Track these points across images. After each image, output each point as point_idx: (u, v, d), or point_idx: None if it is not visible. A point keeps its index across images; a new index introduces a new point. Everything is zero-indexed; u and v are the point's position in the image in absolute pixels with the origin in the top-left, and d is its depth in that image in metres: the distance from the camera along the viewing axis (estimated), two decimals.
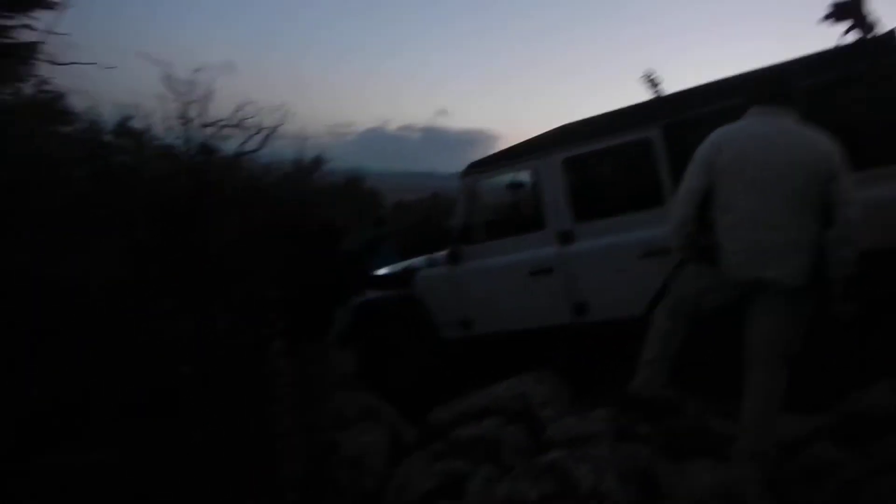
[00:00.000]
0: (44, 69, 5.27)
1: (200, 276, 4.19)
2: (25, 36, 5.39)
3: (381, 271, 5.86)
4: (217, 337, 3.75)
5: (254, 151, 5.95)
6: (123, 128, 5.80)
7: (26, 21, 5.59)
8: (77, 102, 5.67)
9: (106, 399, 3.32)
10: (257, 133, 5.89)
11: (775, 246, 2.84)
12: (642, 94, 8.63)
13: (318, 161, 6.35)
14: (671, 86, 8.05)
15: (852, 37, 3.81)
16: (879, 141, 3.62)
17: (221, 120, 5.75)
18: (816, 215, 2.85)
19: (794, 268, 2.84)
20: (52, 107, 5.69)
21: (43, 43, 5.19)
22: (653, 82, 8.70)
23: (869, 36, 3.77)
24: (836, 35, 3.85)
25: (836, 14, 3.84)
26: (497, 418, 3.47)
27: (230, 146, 5.80)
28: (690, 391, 3.57)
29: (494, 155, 5.23)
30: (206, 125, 5.68)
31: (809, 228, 2.84)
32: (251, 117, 5.75)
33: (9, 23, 5.86)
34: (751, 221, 2.87)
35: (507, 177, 5.33)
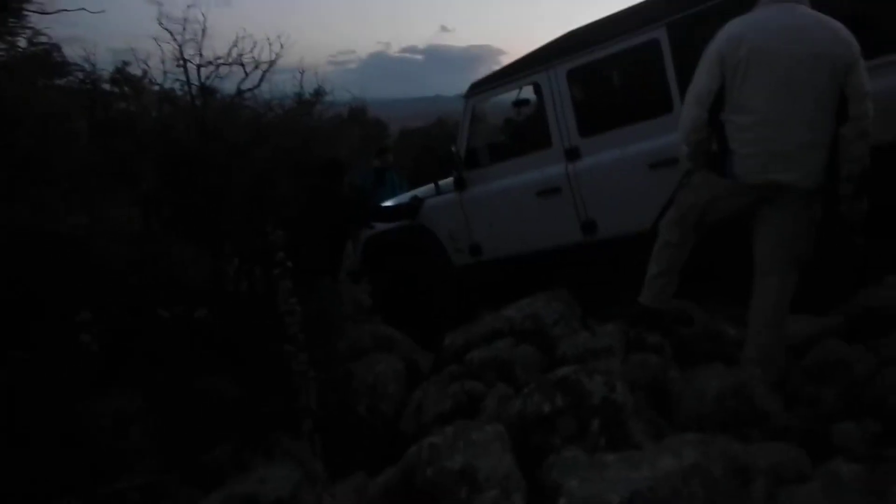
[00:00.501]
0: (35, 20, 5.20)
1: (208, 222, 4.23)
2: None
3: (388, 203, 5.86)
4: (229, 280, 3.82)
5: (253, 88, 5.89)
6: (121, 74, 5.74)
7: None
8: (72, 52, 5.61)
9: (125, 348, 3.42)
10: (255, 68, 5.82)
11: (792, 147, 2.74)
12: None
13: (319, 93, 6.27)
14: None
15: None
16: (890, 26, 3.46)
17: (218, 58, 5.68)
18: (831, 111, 2.74)
19: (810, 169, 2.76)
20: (47, 59, 5.63)
21: None
22: None
23: None
24: None
25: None
26: (510, 339, 3.53)
27: (230, 85, 5.74)
28: (699, 300, 3.59)
29: (497, 72, 5.11)
30: (203, 65, 5.61)
31: (826, 126, 2.75)
32: (248, 52, 5.66)
33: None
34: (767, 121, 2.75)
35: (511, 95, 5.22)
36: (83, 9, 4.88)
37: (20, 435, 2.88)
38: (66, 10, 4.88)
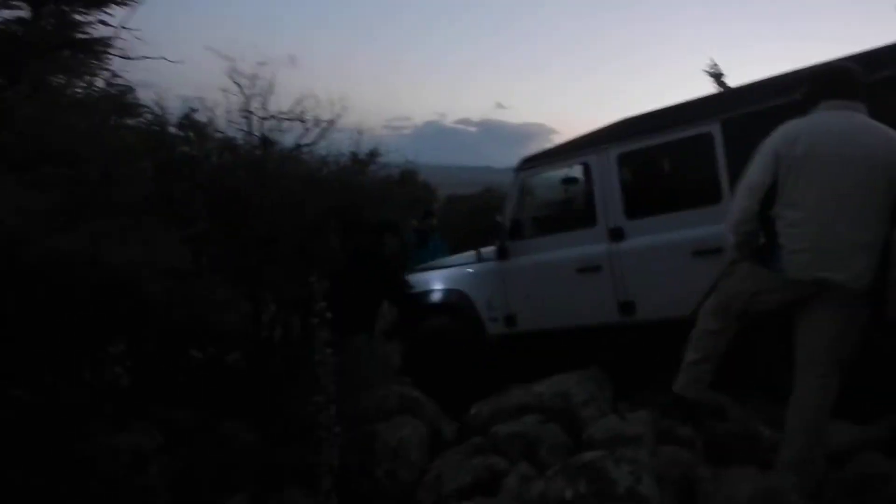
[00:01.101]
0: (115, 63, 5.53)
1: (255, 268, 4.33)
2: (99, 31, 5.67)
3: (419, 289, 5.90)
4: (266, 326, 3.88)
5: (311, 144, 6.08)
6: (187, 120, 6.00)
7: (101, 16, 5.89)
8: (145, 96, 5.91)
9: (153, 384, 3.48)
10: (315, 126, 6.02)
11: (842, 246, 2.73)
12: (705, 89, 8.45)
13: (373, 154, 6.45)
14: (733, 80, 7.84)
15: None
16: None
17: (281, 113, 5.91)
18: (884, 215, 2.74)
19: (859, 270, 2.73)
20: (121, 100, 5.95)
21: (115, 38, 5.46)
22: (716, 76, 8.53)
23: None
24: None
25: None
26: (537, 416, 3.48)
27: (289, 139, 5.95)
28: (735, 395, 3.49)
29: (549, 150, 5.23)
30: (266, 118, 5.84)
31: (876, 229, 2.74)
32: (310, 110, 5.88)
33: (85, 18, 6.17)
34: (818, 219, 2.75)
35: (560, 172, 5.31)
36: (164, 58, 5.18)
37: (40, 461, 2.91)
38: (147, 58, 5.18)
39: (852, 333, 2.83)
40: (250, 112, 5.71)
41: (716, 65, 8.45)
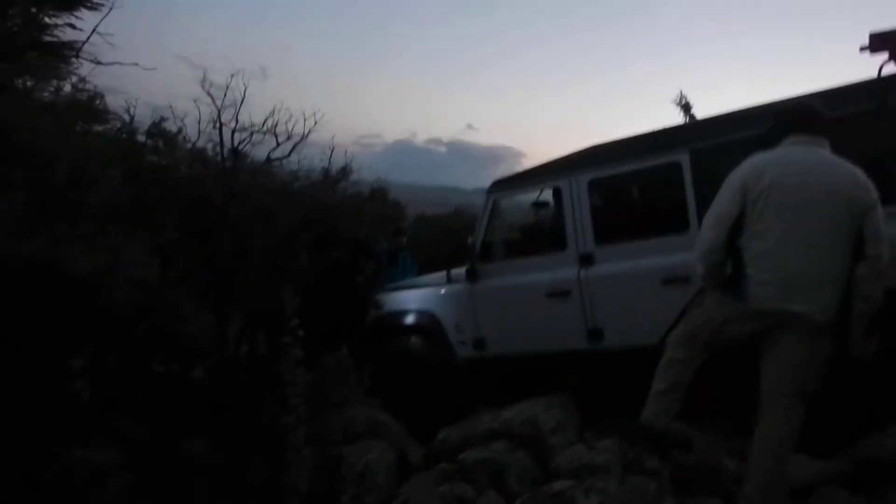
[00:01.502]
0: (85, 68, 5.41)
1: (224, 280, 4.26)
2: (68, 35, 5.54)
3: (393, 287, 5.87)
4: (234, 341, 3.80)
5: (283, 158, 6.04)
6: (157, 129, 5.91)
7: (71, 20, 5.75)
8: (113, 102, 5.80)
9: (117, 398, 3.38)
10: (287, 140, 5.99)
11: (807, 278, 2.79)
12: (673, 118, 8.64)
13: (345, 170, 6.44)
14: (701, 111, 8.03)
15: (890, 68, 3.75)
16: None
17: (253, 125, 5.86)
18: (848, 249, 2.80)
19: (822, 302, 2.79)
20: (89, 105, 5.82)
21: (85, 42, 5.33)
22: (684, 107, 8.72)
23: None
24: (874, 66, 3.78)
25: (873, 45, 3.77)
26: (505, 442, 3.47)
27: (260, 152, 5.90)
28: (701, 426, 3.53)
29: (520, 173, 5.24)
30: (238, 130, 5.79)
31: (841, 262, 2.80)
32: (282, 123, 5.84)
33: (53, 21, 6.02)
34: (783, 251, 2.80)
35: (531, 196, 5.35)
36: (136, 64, 5.09)
37: None
38: (119, 64, 5.08)
39: (816, 366, 2.87)
40: (221, 123, 5.65)
41: (684, 96, 8.65)
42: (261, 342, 4.23)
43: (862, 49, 3.78)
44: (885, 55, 3.71)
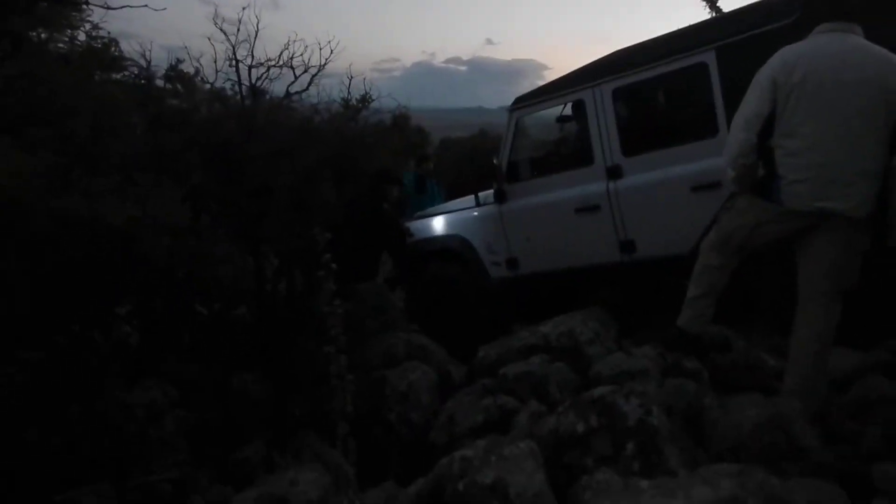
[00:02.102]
0: (96, 14, 5.35)
1: (252, 221, 4.30)
2: None
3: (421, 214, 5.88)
4: (272, 280, 3.87)
5: (301, 92, 6.00)
6: (174, 72, 5.88)
7: None
8: (129, 48, 5.77)
9: (163, 341, 3.49)
10: (304, 72, 5.93)
11: (843, 175, 2.71)
12: (701, 15, 8.23)
13: (364, 99, 6.36)
14: (728, 4, 7.63)
15: None
16: None
17: (269, 60, 5.81)
18: (884, 141, 2.71)
19: (860, 198, 2.72)
20: (105, 53, 5.79)
21: None
22: (710, 1, 8.29)
23: None
24: None
25: None
26: (544, 356, 3.53)
27: (279, 87, 5.86)
28: (739, 328, 3.54)
29: (541, 88, 5.12)
30: (254, 66, 5.74)
31: (877, 155, 2.71)
32: (298, 56, 5.78)
33: None
34: (818, 147, 2.72)
35: (554, 111, 5.24)
36: (146, 6, 5.02)
37: (55, 421, 2.95)
38: (129, 7, 5.02)
39: (854, 261, 2.83)
40: (238, 60, 5.60)
41: None
42: (297, 279, 4.30)
43: None
44: None
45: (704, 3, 8.14)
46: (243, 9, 5.41)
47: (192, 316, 3.96)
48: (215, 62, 5.36)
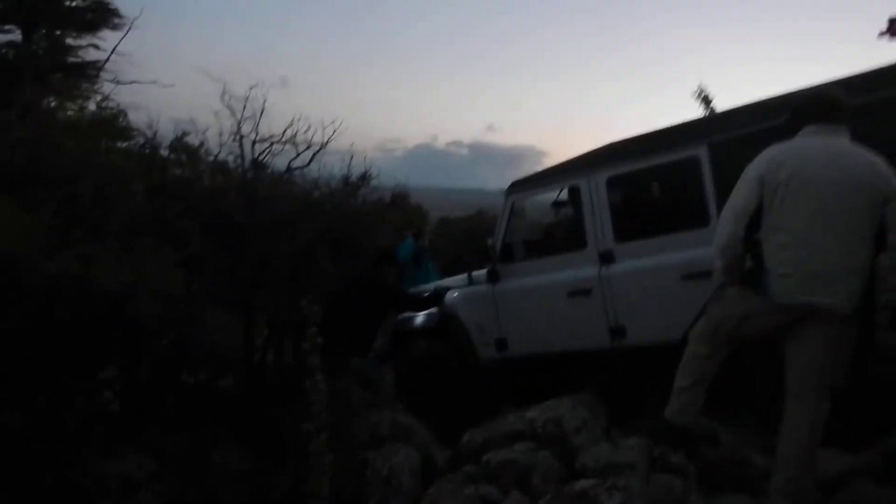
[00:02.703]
0: (107, 87, 5.57)
1: (248, 290, 4.33)
2: (91, 55, 5.71)
3: (416, 290, 5.92)
4: (261, 350, 3.85)
5: (303, 167, 6.13)
6: (179, 143, 6.03)
7: (93, 41, 5.92)
8: (136, 118, 5.95)
9: (145, 409, 3.45)
10: (307, 149, 6.08)
11: (829, 270, 2.74)
12: (694, 112, 8.51)
13: (365, 177, 6.50)
14: (722, 103, 7.91)
15: None
16: None
17: (273, 136, 5.96)
18: (870, 239, 2.76)
19: (846, 294, 2.74)
20: (113, 123, 5.98)
21: (106, 61, 5.49)
22: (704, 99, 8.59)
23: None
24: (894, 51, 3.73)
25: (893, 30, 3.72)
26: (529, 443, 3.47)
27: (281, 162, 6.00)
28: (727, 422, 3.49)
29: (539, 173, 5.24)
30: (258, 141, 5.89)
31: (863, 253, 2.75)
32: (302, 133, 5.94)
33: (77, 42, 6.21)
34: (805, 243, 2.76)
35: (550, 195, 5.34)
36: (154, 82, 5.23)
37: (27, 490, 2.88)
38: (138, 83, 5.22)
39: (842, 357, 2.83)
40: (242, 135, 5.76)
41: (703, 89, 8.50)
42: (287, 351, 4.29)
43: (881, 35, 3.73)
44: None
45: (699, 101, 8.45)
46: (251, 88, 5.60)
47: (177, 384, 3.92)
48: (220, 136, 5.51)
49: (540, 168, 5.44)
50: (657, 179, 4.70)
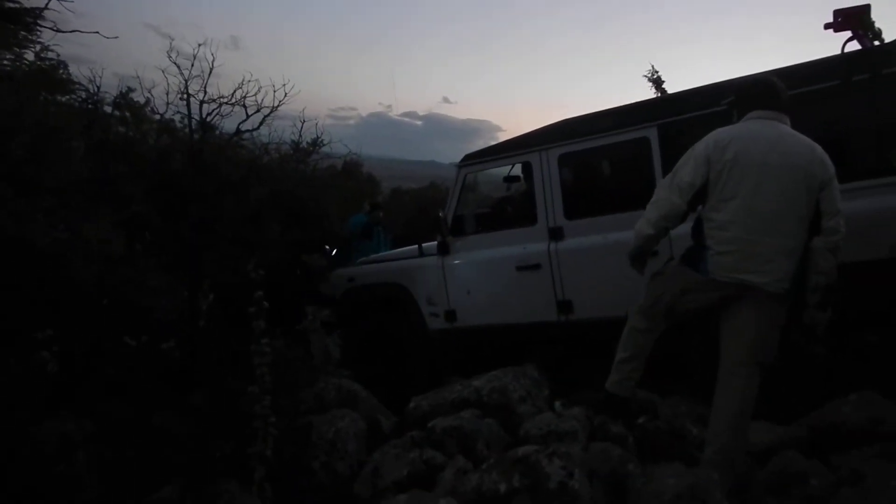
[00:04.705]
0: (46, 36, 5.27)
1: (191, 254, 4.22)
2: (30, 1, 5.39)
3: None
4: (201, 315, 3.76)
5: (252, 130, 5.97)
6: (124, 100, 5.80)
7: None
8: (78, 71, 5.67)
9: (84, 371, 3.35)
10: (257, 111, 5.92)
11: (766, 250, 2.85)
12: (645, 93, 8.65)
13: (317, 143, 6.37)
14: (672, 86, 8.06)
15: (853, 46, 3.81)
16: (867, 153, 3.66)
17: (222, 97, 5.78)
18: (805, 223, 2.88)
19: (780, 273, 2.86)
20: (52, 75, 5.69)
21: (44, 8, 5.20)
22: (655, 81, 8.72)
23: (869, 46, 3.77)
24: (838, 42, 3.85)
25: (838, 23, 3.83)
26: (475, 410, 3.51)
27: (230, 124, 5.82)
28: (665, 393, 3.60)
29: (491, 147, 5.25)
30: (206, 101, 5.70)
31: (798, 235, 2.88)
32: (252, 95, 5.77)
33: None
34: (743, 223, 2.87)
35: (502, 170, 5.36)
36: (97, 32, 4.97)
37: None
38: (80, 31, 4.96)
39: (773, 336, 2.95)
40: (190, 94, 5.56)
41: (655, 71, 8.64)
42: (233, 316, 4.20)
43: (826, 26, 3.84)
44: (848, 33, 3.78)
45: (650, 83, 8.58)
46: (199, 45, 5.38)
47: (118, 346, 3.81)
48: (167, 94, 5.30)
49: (494, 142, 5.44)
50: (608, 158, 4.77)
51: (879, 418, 3.08)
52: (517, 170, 5.21)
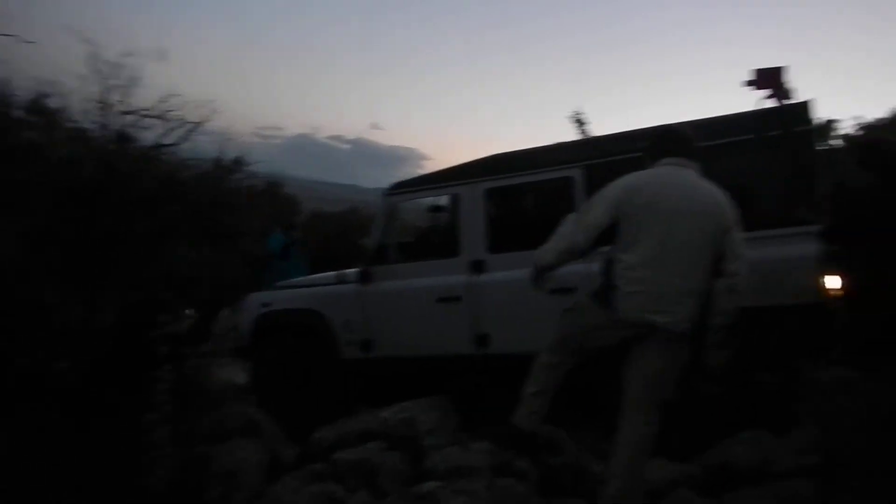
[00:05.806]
0: None
1: (97, 268, 4.02)
2: None
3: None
4: (103, 333, 3.58)
5: (173, 145, 5.75)
6: (37, 104, 5.51)
7: None
8: None
9: None
10: (179, 126, 5.71)
11: (671, 291, 2.95)
12: (570, 133, 8.96)
13: (238, 161, 6.22)
14: (598, 129, 8.39)
15: (771, 103, 4.05)
16: (775, 203, 3.89)
17: (143, 109, 5.55)
18: (708, 266, 3.00)
19: (683, 314, 2.96)
20: None
21: None
22: (580, 122, 9.07)
23: (782, 104, 4.02)
24: (756, 99, 4.09)
25: (757, 81, 4.07)
26: (381, 442, 3.47)
27: (149, 137, 5.60)
28: (570, 429, 3.65)
29: (419, 177, 5.28)
30: (126, 112, 5.47)
31: (700, 277, 2.99)
32: (175, 109, 5.57)
33: None
34: (652, 265, 2.96)
35: (428, 200, 5.39)
36: (17, 35, 4.72)
37: None
38: None
39: (674, 373, 3.05)
40: (108, 104, 5.32)
41: (579, 113, 9.01)
42: (134, 337, 4.02)
43: (747, 84, 4.09)
44: (766, 91, 4.03)
45: (574, 125, 8.97)
46: (124, 55, 5.17)
47: (7, 364, 3.57)
48: (85, 102, 5.06)
49: (420, 171, 5.48)
50: (533, 195, 4.88)
51: (770, 459, 3.21)
52: (443, 201, 5.26)
